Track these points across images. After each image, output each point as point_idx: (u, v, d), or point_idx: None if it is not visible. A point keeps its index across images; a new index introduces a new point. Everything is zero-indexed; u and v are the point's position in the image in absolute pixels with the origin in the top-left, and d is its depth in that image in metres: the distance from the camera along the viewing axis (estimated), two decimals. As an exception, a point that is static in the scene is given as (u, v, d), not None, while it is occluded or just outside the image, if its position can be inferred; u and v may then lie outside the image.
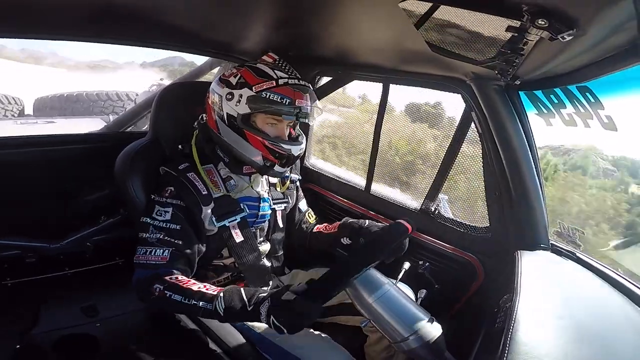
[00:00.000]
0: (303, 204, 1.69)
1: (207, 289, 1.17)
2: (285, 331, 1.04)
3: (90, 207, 2.03)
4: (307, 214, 1.68)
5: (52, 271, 2.04)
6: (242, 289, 1.13)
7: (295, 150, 1.35)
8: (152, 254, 1.24)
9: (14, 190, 1.84)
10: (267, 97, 1.27)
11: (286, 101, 1.27)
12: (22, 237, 1.90)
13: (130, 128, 2.91)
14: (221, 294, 1.13)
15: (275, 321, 1.04)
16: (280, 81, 1.29)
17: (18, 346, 1.63)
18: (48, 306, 1.86)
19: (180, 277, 1.22)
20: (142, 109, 2.89)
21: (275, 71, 1.32)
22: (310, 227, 1.65)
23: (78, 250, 2.03)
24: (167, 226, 1.27)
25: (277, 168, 1.35)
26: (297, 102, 1.29)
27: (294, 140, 1.40)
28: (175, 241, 1.26)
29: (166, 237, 1.26)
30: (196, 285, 1.18)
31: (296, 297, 1.05)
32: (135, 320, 1.84)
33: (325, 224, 1.62)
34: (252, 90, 1.28)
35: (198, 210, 1.32)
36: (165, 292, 1.16)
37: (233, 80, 1.32)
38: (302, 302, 1.04)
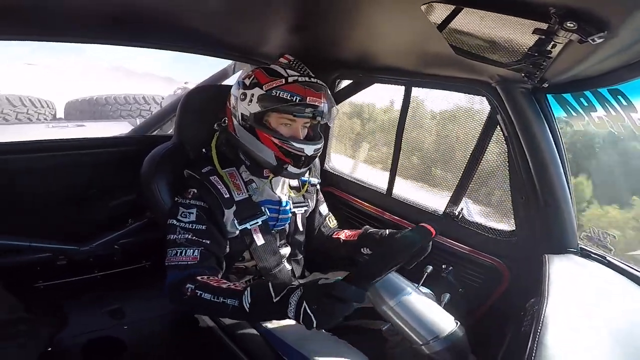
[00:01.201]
0: (324, 208, 1.67)
1: (236, 286, 1.16)
2: (314, 323, 0.98)
3: (118, 210, 2.06)
4: (327, 219, 1.66)
5: (81, 274, 2.10)
6: (270, 283, 1.12)
7: (309, 150, 1.32)
8: (183, 254, 1.25)
9: (44, 194, 1.90)
10: (277, 95, 1.26)
11: (296, 99, 1.26)
12: (53, 240, 1.93)
13: (157, 131, 2.99)
14: (249, 288, 1.12)
15: (307, 308, 0.98)
16: (290, 79, 1.28)
17: (49, 349, 1.68)
18: (77, 309, 1.91)
19: (211, 276, 1.24)
20: (167, 112, 2.95)
21: (287, 70, 1.32)
22: (329, 231, 1.64)
23: (107, 253, 2.07)
24: (193, 227, 1.29)
25: (290, 169, 1.33)
26: (308, 100, 1.27)
27: (309, 140, 1.38)
28: (204, 241, 1.28)
29: (194, 237, 1.27)
30: (226, 284, 1.18)
31: (336, 280, 0.98)
32: (161, 323, 1.88)
33: (345, 231, 1.60)
34: (262, 89, 1.28)
35: (220, 212, 1.34)
36: (197, 291, 1.17)
37: (247, 82, 1.33)
38: (342, 286, 0.96)
